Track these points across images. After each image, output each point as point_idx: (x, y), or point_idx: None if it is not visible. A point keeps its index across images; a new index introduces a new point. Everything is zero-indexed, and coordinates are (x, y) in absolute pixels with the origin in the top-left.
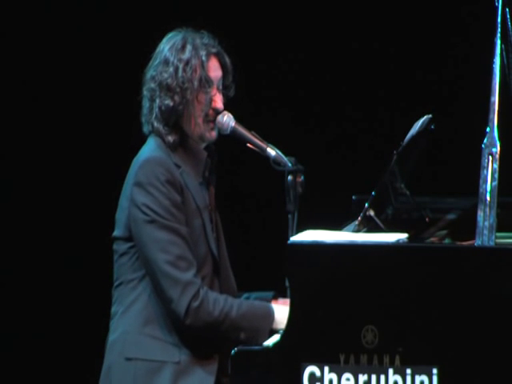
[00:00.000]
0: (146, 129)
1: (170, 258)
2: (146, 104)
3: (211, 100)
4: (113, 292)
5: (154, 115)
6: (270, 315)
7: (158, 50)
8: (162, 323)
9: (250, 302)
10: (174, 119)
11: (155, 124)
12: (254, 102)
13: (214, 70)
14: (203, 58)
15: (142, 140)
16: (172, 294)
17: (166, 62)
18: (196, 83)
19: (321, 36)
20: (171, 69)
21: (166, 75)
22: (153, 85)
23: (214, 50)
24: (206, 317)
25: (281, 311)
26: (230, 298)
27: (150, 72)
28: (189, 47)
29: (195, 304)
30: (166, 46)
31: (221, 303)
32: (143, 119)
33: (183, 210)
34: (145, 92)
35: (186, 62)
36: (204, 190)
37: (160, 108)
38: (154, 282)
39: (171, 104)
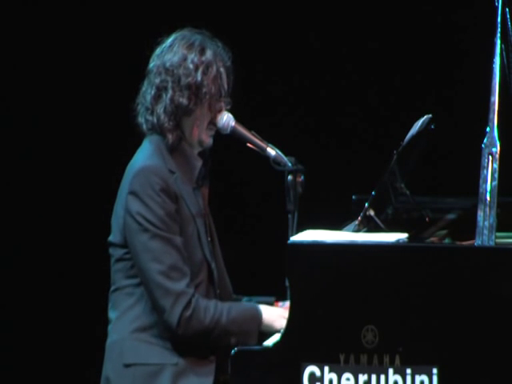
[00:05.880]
0: (142, 118)
1: (162, 268)
2: (149, 89)
3: (220, 110)
4: (109, 296)
5: (164, 107)
6: (257, 316)
7: (169, 42)
8: (159, 330)
9: (238, 306)
10: (180, 116)
11: (162, 117)
12: (254, 101)
13: (225, 83)
14: (221, 70)
15: (139, 142)
16: (164, 304)
17: (184, 57)
18: (214, 90)
19: (321, 35)
20: (191, 66)
21: (184, 71)
22: (167, 76)
23: (228, 64)
24: (198, 325)
25: (267, 312)
26: (220, 303)
27: (163, 60)
28: (209, 52)
29: (187, 314)
30: (182, 42)
31: (211, 310)
32: (141, 101)
33: (177, 219)
34: (154, 79)
35: (207, 66)
36: (198, 195)
37: (172, 101)
38: (147, 291)
39: (186, 103)
